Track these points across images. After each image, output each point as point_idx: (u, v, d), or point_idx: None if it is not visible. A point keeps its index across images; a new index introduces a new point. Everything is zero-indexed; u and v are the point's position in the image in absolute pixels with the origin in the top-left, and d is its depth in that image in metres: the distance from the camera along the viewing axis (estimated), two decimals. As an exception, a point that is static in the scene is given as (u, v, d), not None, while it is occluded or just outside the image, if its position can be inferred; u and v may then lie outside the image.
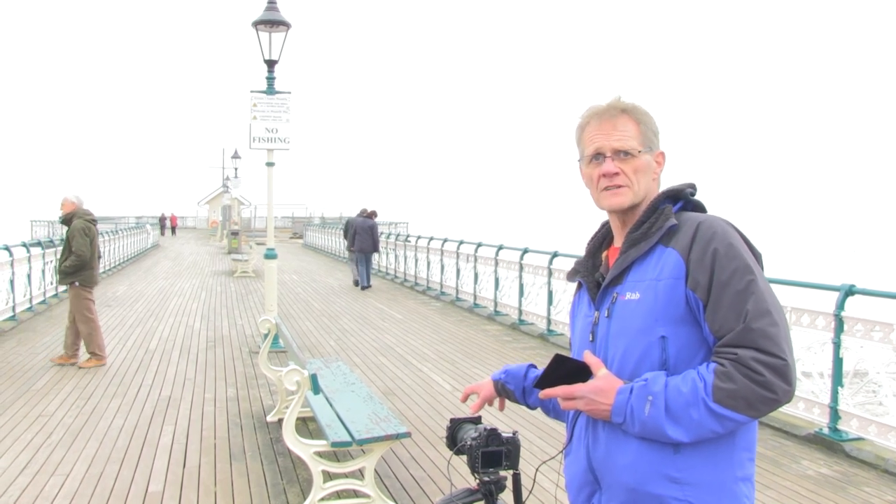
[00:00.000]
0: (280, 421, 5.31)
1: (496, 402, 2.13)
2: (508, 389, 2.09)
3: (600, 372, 1.71)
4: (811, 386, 6.03)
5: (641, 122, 1.82)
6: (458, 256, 14.95)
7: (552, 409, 2.06)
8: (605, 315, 1.78)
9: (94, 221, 8.42)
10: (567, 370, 1.73)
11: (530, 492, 2.06)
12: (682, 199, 1.82)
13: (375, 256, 19.51)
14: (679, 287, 1.66)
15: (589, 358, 1.74)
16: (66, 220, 8.37)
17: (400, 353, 9.44)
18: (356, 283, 17.67)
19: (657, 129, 1.84)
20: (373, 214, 17.59)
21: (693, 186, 1.84)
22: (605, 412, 1.68)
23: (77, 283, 8.31)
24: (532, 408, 2.08)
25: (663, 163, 1.86)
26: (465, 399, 2.20)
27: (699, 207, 1.84)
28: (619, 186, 1.78)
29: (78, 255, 8.17)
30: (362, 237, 16.97)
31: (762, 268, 1.70)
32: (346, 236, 18.56)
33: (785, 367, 1.56)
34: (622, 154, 1.78)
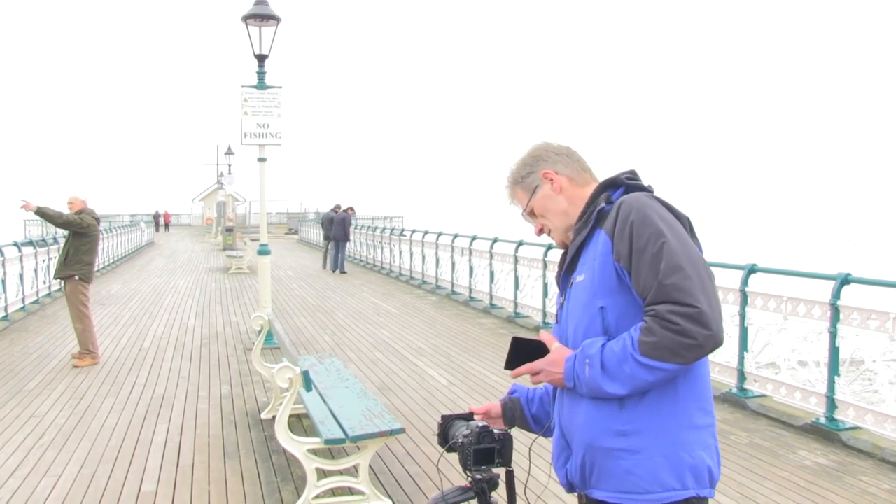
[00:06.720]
0: (274, 418, 5.27)
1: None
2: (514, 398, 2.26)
3: (553, 346, 1.95)
4: (808, 375, 6.01)
5: (516, 181, 2.10)
6: (452, 250, 14.91)
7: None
8: (566, 299, 2.00)
9: (98, 220, 8.54)
10: (528, 350, 1.96)
11: (528, 473, 2.06)
12: (620, 185, 1.97)
13: (349, 245, 22.45)
14: (609, 262, 1.84)
15: (544, 336, 1.98)
16: None
17: (395, 347, 9.40)
18: (324, 267, 20.68)
19: (527, 168, 2.07)
20: (345, 209, 21.01)
21: (632, 173, 2.00)
22: (559, 380, 1.90)
23: (77, 277, 8.30)
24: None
25: (555, 175, 2.03)
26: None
27: (642, 190, 1.94)
28: (550, 232, 2.08)
29: (71, 221, 8.13)
30: (336, 228, 20.10)
31: (691, 229, 1.87)
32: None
33: (698, 315, 1.68)
34: (528, 215, 2.10)
